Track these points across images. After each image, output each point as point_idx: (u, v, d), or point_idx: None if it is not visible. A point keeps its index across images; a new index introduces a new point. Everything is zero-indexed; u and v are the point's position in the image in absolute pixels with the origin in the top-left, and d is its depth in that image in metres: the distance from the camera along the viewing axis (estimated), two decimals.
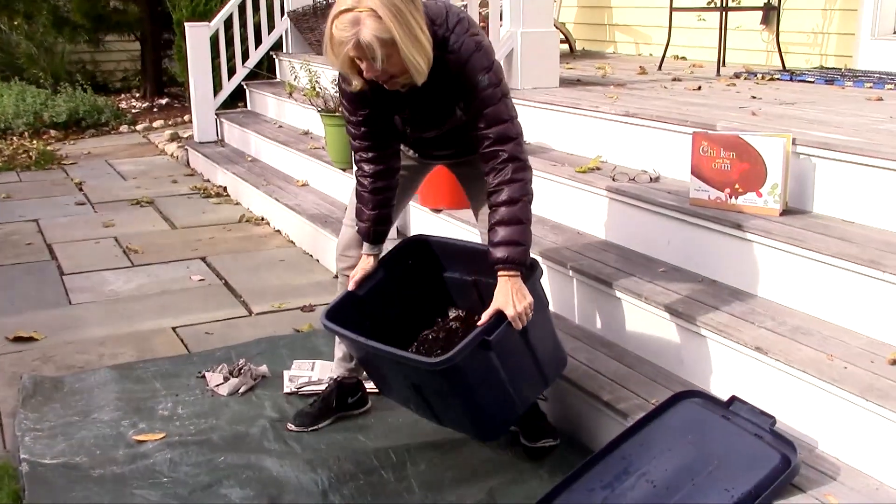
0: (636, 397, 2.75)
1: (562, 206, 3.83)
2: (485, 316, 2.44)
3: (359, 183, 2.71)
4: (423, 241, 2.89)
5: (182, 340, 3.81)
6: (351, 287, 2.69)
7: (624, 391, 2.79)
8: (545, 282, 3.47)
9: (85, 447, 2.88)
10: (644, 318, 2.99)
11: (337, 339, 2.99)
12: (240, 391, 3.26)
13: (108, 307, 4.22)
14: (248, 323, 4.02)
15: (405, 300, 2.85)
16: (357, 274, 2.72)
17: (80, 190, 6.74)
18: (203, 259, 4.94)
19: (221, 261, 4.91)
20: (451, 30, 2.39)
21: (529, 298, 2.45)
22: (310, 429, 2.98)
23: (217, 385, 3.28)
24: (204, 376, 3.36)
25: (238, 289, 4.46)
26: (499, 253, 2.44)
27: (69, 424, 3.04)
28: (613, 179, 3.58)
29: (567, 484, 2.48)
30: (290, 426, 2.99)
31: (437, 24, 2.38)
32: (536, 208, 4.07)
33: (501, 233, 2.45)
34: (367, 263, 2.74)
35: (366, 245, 2.73)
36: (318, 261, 4.84)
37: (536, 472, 2.73)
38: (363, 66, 2.30)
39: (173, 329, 3.93)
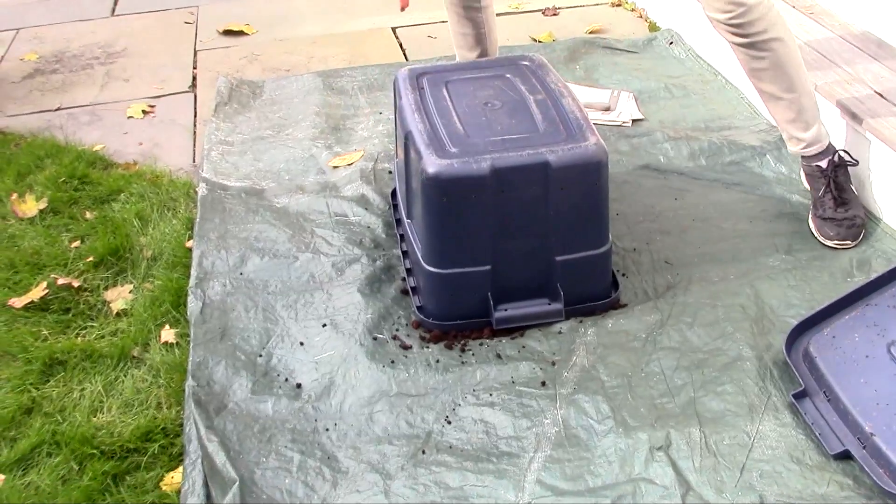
0: None
1: None
2: None
3: None
4: None
5: (400, 44, 3.28)
6: None
7: None
8: None
9: (273, 171, 2.51)
10: None
11: None
12: None
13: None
14: None
15: None
16: None
17: None
18: None
19: None
20: None
21: None
22: None
23: None
24: None
25: None
26: None
27: (261, 139, 2.67)
28: None
29: (864, 293, 1.78)
30: None
31: None
32: None
33: None
34: None
35: None
36: None
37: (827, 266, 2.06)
38: None
39: (393, 30, 3.39)
